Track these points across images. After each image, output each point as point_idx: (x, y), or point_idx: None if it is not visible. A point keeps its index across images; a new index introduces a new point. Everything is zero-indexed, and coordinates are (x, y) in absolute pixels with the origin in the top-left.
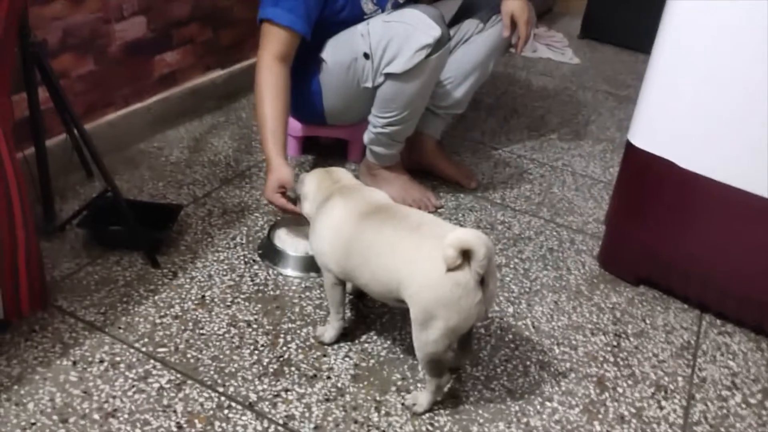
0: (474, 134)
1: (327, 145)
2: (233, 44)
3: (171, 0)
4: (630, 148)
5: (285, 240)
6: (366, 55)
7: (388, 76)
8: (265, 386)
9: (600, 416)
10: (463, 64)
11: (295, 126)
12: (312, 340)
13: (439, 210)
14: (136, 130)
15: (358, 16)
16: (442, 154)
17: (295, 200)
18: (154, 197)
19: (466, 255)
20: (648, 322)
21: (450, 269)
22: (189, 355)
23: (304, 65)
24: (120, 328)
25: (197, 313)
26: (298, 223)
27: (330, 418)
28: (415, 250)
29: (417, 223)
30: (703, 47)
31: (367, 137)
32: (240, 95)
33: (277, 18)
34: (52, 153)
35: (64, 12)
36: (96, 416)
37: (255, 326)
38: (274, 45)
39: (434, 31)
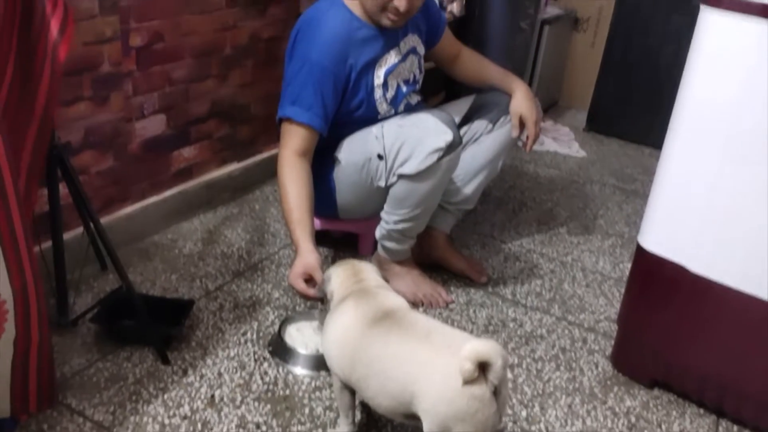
0: (483, 228)
1: (338, 238)
2: (249, 139)
3: (191, 99)
4: (640, 250)
5: (295, 337)
6: (380, 156)
7: (401, 176)
8: None
9: None
10: (473, 162)
11: None
12: None
13: (450, 305)
14: (152, 222)
15: (373, 116)
16: (452, 248)
17: (323, 299)
18: (167, 290)
19: (481, 366)
20: (663, 428)
21: (467, 382)
22: None
23: (319, 163)
24: (128, 428)
25: (206, 414)
26: (309, 318)
27: None
28: (428, 362)
29: (425, 332)
30: (716, 151)
31: (379, 232)
32: (254, 187)
33: (296, 116)
34: (68, 246)
35: (87, 112)
36: None
37: (264, 428)
38: (294, 141)
39: (446, 136)
